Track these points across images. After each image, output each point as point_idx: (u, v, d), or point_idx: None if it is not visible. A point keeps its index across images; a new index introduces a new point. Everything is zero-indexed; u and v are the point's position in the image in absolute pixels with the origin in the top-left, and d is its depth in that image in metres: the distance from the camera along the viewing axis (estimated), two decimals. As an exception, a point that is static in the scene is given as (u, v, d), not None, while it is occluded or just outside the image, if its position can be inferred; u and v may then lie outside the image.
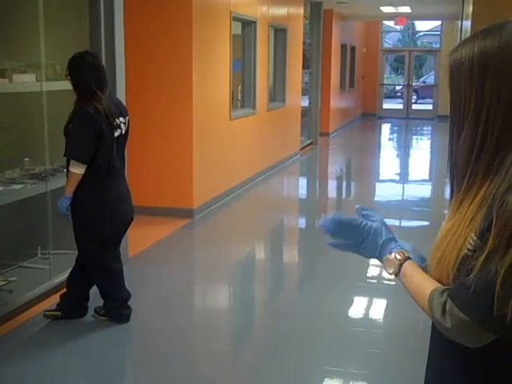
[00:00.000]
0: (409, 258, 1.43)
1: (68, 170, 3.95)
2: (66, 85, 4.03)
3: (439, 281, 1.35)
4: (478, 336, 1.25)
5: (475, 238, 1.25)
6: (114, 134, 3.95)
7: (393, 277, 1.45)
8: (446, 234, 1.34)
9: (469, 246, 1.26)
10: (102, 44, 4.88)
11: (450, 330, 1.27)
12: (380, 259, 1.46)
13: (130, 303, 4.25)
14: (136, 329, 4.26)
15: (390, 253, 1.44)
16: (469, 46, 1.31)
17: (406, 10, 14.86)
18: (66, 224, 4.16)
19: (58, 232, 4.69)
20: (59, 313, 4.20)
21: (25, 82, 4.48)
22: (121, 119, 4.03)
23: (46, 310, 4.26)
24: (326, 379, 3.66)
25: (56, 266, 4.69)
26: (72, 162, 3.87)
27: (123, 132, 4.06)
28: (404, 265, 1.42)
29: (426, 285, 1.35)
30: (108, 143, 3.92)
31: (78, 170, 3.87)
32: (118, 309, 4.22)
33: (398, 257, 1.43)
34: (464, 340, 1.28)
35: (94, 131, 3.84)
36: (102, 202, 3.96)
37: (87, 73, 3.88)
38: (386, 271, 1.45)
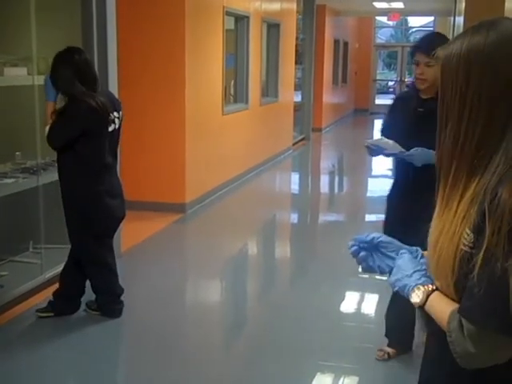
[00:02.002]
0: (433, 291, 1.36)
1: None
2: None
3: (441, 287, 1.33)
4: (502, 346, 1.22)
5: (469, 233, 1.25)
6: (107, 129, 3.93)
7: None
8: (438, 234, 1.33)
9: (464, 242, 1.25)
10: (94, 38, 4.85)
11: (474, 354, 1.22)
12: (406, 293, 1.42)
13: (122, 298, 4.25)
14: (128, 323, 4.25)
15: (414, 289, 1.38)
16: (458, 42, 1.31)
17: (399, 5, 14.87)
18: (58, 218, 4.15)
19: (50, 226, 4.68)
20: (51, 313, 4.16)
21: (16, 75, 4.46)
22: (115, 114, 4.01)
23: (38, 311, 4.20)
24: (319, 373, 3.67)
25: (48, 261, 4.67)
26: (48, 130, 3.86)
27: (117, 127, 4.04)
28: (428, 301, 1.36)
29: (442, 314, 1.31)
30: (100, 140, 3.89)
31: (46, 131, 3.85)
32: (110, 303, 4.22)
33: (421, 295, 1.37)
34: (492, 357, 1.24)
35: (80, 129, 3.82)
36: (95, 197, 3.95)
37: (75, 70, 3.84)
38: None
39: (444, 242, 1.30)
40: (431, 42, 3.19)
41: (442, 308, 1.33)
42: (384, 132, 3.45)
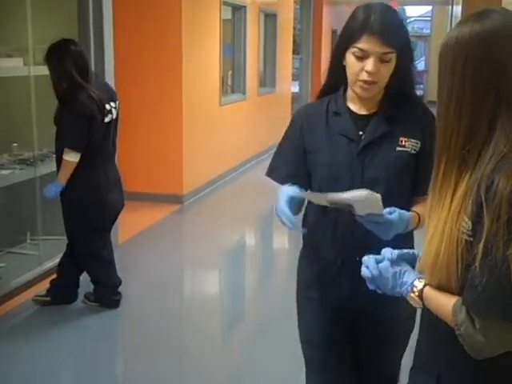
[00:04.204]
0: (424, 287, 1.39)
1: (57, 158, 3.92)
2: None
3: (439, 284, 1.33)
4: (509, 333, 1.23)
5: (467, 220, 1.25)
6: (104, 119, 3.92)
7: None
8: (433, 230, 1.33)
9: (463, 230, 1.25)
10: (90, 29, 4.83)
11: (485, 344, 1.24)
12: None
13: (119, 289, 4.26)
14: (126, 314, 4.26)
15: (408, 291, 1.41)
16: (452, 32, 1.32)
17: (397, -6, 14.81)
18: (55, 210, 4.14)
19: (48, 218, 4.67)
20: (48, 298, 4.20)
21: (12, 66, 4.44)
22: (111, 104, 4.00)
23: (36, 296, 4.25)
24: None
25: (45, 252, 4.67)
26: (66, 150, 3.83)
27: (114, 117, 4.03)
28: (423, 297, 1.39)
29: (445, 309, 1.32)
30: (99, 129, 3.89)
31: (72, 158, 3.82)
32: (108, 295, 4.22)
33: (416, 293, 1.40)
34: (501, 345, 1.25)
35: (87, 118, 3.80)
36: (91, 189, 3.94)
37: (72, 61, 3.82)
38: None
39: (442, 238, 1.29)
40: (388, 20, 1.86)
41: (441, 302, 1.33)
42: (277, 170, 2.09)
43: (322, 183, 1.97)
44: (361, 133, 1.92)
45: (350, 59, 1.87)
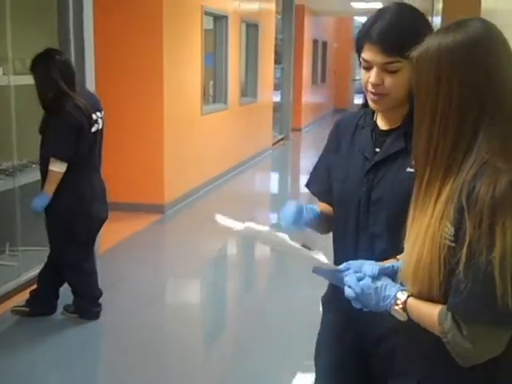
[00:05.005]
0: (407, 298, 1.38)
1: (41, 168, 3.88)
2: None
3: (420, 292, 1.33)
4: (496, 338, 1.23)
5: (450, 226, 1.25)
6: (91, 129, 3.89)
7: None
8: (415, 238, 1.33)
9: (445, 235, 1.26)
10: (71, 39, 4.80)
11: (473, 350, 1.23)
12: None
13: (100, 300, 4.22)
14: (106, 326, 4.22)
15: (392, 304, 1.40)
16: (430, 42, 1.32)
17: (378, 5, 14.93)
18: (35, 220, 4.10)
19: (27, 228, 4.62)
20: (27, 309, 4.14)
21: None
22: (97, 114, 3.97)
23: (15, 306, 4.20)
24: (299, 373, 3.67)
25: (24, 263, 4.62)
26: (52, 160, 3.77)
27: (100, 127, 4.01)
28: (407, 308, 1.38)
29: (430, 318, 1.31)
30: (86, 139, 3.86)
31: (58, 168, 3.78)
32: (88, 306, 4.18)
33: (400, 306, 1.39)
34: (489, 351, 1.25)
35: (75, 128, 3.77)
36: (77, 199, 3.90)
37: (58, 71, 3.80)
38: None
39: (424, 243, 1.29)
40: (394, 26, 1.67)
41: (425, 311, 1.33)
42: (312, 184, 2.08)
43: (336, 202, 1.91)
44: (377, 149, 1.79)
45: (362, 70, 1.75)
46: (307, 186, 2.07)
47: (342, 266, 1.51)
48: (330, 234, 2.00)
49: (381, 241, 1.75)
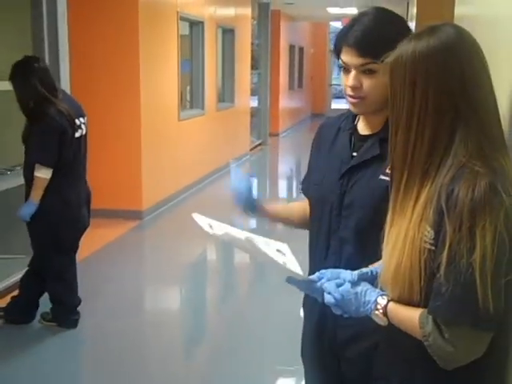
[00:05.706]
0: (387, 303, 1.38)
1: (25, 176, 3.83)
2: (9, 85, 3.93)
3: (400, 296, 1.33)
4: (478, 340, 1.24)
5: (429, 230, 1.26)
6: (75, 134, 3.86)
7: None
8: (395, 241, 1.33)
9: (425, 239, 1.26)
10: (45, 44, 4.77)
11: (454, 353, 1.24)
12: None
13: (78, 308, 4.18)
14: (84, 334, 4.18)
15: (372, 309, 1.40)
16: (404, 48, 1.33)
17: (353, 10, 15.02)
18: (13, 228, 4.06)
19: (4, 236, 4.58)
20: (2, 313, 4.09)
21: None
22: (81, 119, 3.95)
23: None
24: (280, 378, 3.67)
25: (1, 271, 4.57)
26: (37, 166, 3.74)
27: (84, 133, 3.98)
28: (387, 313, 1.38)
29: (411, 322, 1.31)
30: (70, 144, 3.83)
31: (44, 174, 3.74)
32: (66, 314, 4.14)
33: (381, 310, 1.38)
34: (471, 353, 1.25)
35: (58, 133, 3.74)
36: (62, 204, 3.86)
37: (37, 78, 3.77)
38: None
39: (404, 247, 1.30)
40: (371, 28, 1.69)
41: (405, 315, 1.33)
42: (303, 183, 2.05)
43: (312, 204, 1.91)
44: (355, 154, 1.78)
45: (342, 74, 1.75)
46: (301, 183, 2.06)
47: (314, 276, 1.49)
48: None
49: (349, 245, 1.75)
